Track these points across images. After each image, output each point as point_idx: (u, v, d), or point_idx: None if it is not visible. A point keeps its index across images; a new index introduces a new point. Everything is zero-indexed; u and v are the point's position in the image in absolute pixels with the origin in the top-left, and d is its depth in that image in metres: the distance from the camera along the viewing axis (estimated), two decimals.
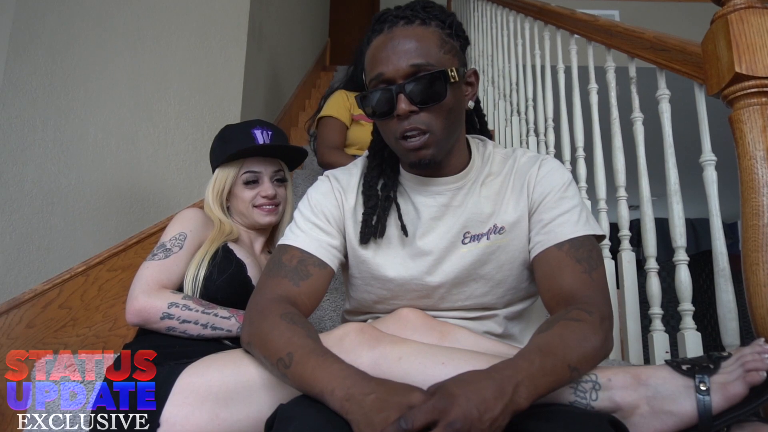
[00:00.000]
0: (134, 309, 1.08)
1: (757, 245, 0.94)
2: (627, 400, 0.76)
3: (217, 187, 1.30)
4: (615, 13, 4.26)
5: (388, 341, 0.84)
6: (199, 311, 1.10)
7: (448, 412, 0.64)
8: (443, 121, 0.91)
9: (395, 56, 0.89)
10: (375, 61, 0.92)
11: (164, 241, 1.18)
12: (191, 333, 1.10)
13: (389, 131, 0.93)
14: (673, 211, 1.36)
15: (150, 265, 1.14)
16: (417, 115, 0.89)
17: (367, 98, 0.92)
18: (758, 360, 0.75)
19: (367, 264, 0.99)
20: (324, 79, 4.13)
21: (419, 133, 0.90)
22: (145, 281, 1.11)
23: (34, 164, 1.53)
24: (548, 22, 2.24)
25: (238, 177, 1.30)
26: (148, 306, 1.08)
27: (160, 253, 1.16)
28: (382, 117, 0.92)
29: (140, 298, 1.09)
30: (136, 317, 1.08)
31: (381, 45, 0.91)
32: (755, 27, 1.01)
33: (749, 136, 0.98)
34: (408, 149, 0.91)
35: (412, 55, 0.89)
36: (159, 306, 1.08)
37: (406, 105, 0.88)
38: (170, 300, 1.09)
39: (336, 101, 2.17)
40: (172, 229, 1.21)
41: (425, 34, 0.91)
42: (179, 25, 2.14)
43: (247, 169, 1.30)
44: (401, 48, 0.89)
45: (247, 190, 1.30)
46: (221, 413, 0.84)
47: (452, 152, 0.98)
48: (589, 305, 0.83)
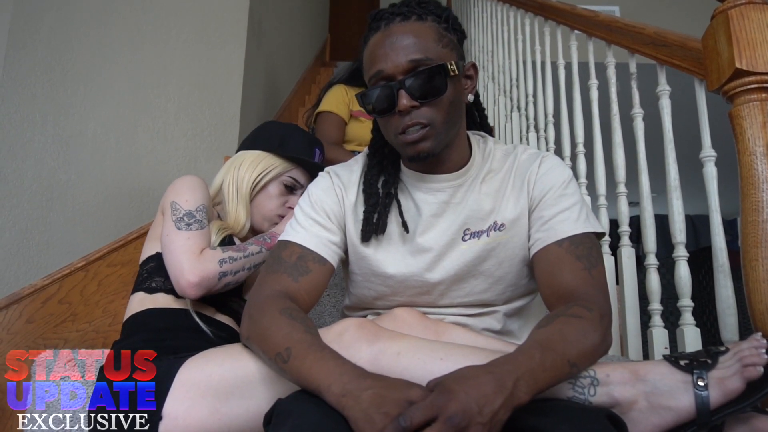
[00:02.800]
0: (194, 282, 1.06)
1: (757, 241, 0.94)
2: (625, 396, 0.76)
3: (260, 170, 1.26)
4: (615, 8, 4.24)
5: (387, 336, 0.84)
6: (240, 258, 1.12)
7: (446, 407, 0.63)
8: (444, 115, 0.91)
9: (393, 53, 0.89)
10: (373, 59, 0.92)
11: (190, 210, 1.14)
12: (240, 280, 1.14)
13: (390, 127, 0.93)
14: (673, 207, 1.36)
15: (191, 235, 1.11)
16: (418, 110, 0.89)
17: (368, 96, 0.92)
18: (755, 355, 0.75)
19: (367, 261, 0.99)
20: (324, 75, 4.12)
21: (420, 127, 0.90)
22: (192, 252, 1.09)
23: (33, 159, 1.53)
24: (548, 18, 2.23)
25: (283, 174, 1.28)
26: (205, 274, 1.06)
27: (194, 223, 1.13)
28: (383, 114, 0.92)
29: (196, 270, 1.06)
30: (197, 289, 1.06)
31: (378, 42, 0.91)
32: (755, 22, 1.01)
33: (749, 131, 0.98)
34: (406, 143, 0.91)
35: (411, 51, 0.89)
36: (213, 269, 1.07)
37: (407, 101, 0.88)
38: (218, 258, 1.09)
39: (335, 96, 2.16)
40: (192, 195, 1.16)
41: (422, 29, 0.91)
42: (179, 20, 2.14)
43: (294, 174, 1.29)
44: (399, 44, 0.89)
45: (281, 193, 1.28)
46: (221, 408, 0.84)
47: (452, 147, 0.98)
48: (589, 302, 0.83)
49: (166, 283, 1.13)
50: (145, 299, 1.13)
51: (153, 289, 1.14)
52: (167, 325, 1.10)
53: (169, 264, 1.10)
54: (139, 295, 1.14)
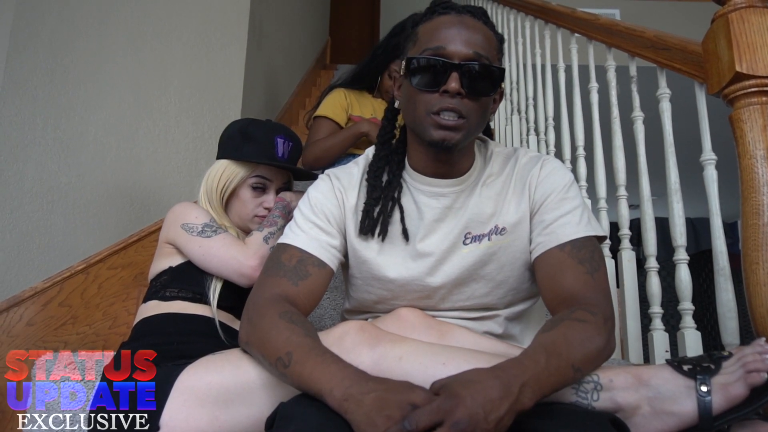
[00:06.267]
0: (255, 264, 1.12)
1: (757, 244, 0.94)
2: (628, 401, 0.76)
3: (224, 179, 1.26)
4: (616, 11, 4.25)
5: (388, 340, 0.84)
6: (276, 231, 1.19)
7: (453, 412, 0.63)
8: (479, 115, 0.93)
9: (460, 37, 0.91)
10: (439, 34, 0.92)
11: (206, 222, 1.18)
12: None
13: (426, 103, 0.91)
14: (674, 210, 1.36)
15: (223, 236, 1.16)
16: (461, 98, 0.90)
17: (419, 65, 0.92)
18: (759, 361, 0.75)
19: (368, 264, 0.99)
20: (324, 78, 4.12)
21: (458, 116, 0.90)
22: (236, 244, 1.15)
23: (34, 162, 1.53)
24: (549, 21, 2.23)
25: (248, 178, 1.26)
26: (261, 253, 1.13)
27: (217, 229, 1.17)
28: (426, 88, 0.91)
29: (249, 253, 1.13)
30: (260, 269, 1.07)
31: (449, 22, 0.93)
32: (756, 26, 1.01)
33: (749, 135, 0.98)
34: (440, 125, 0.90)
35: (478, 44, 0.92)
36: (264, 247, 1.14)
37: (457, 84, 0.88)
38: (262, 236, 1.17)
39: (333, 101, 2.15)
40: (197, 213, 1.19)
41: (488, 33, 0.95)
42: (180, 23, 2.14)
43: (259, 174, 1.26)
44: (470, 33, 0.92)
45: (252, 196, 1.27)
46: (221, 415, 0.83)
47: (463, 151, 0.98)
48: (592, 306, 0.83)
49: (180, 292, 1.13)
50: (159, 305, 1.13)
51: (168, 298, 1.14)
52: (178, 329, 1.10)
53: (222, 264, 1.14)
54: (152, 302, 1.14)
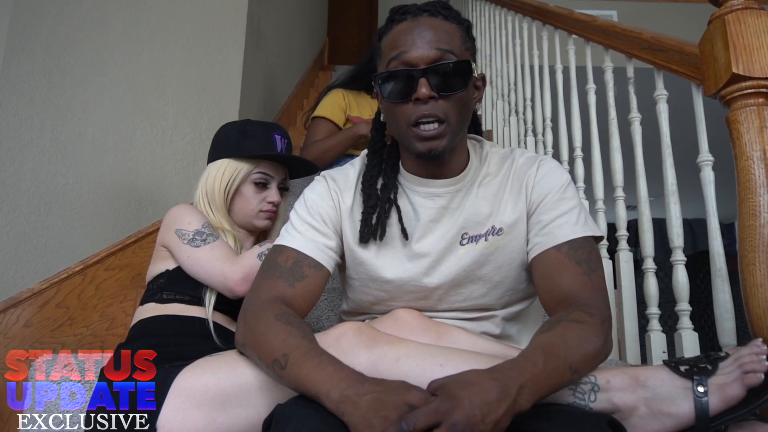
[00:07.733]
0: (239, 278, 1.10)
1: (754, 245, 0.94)
2: (625, 402, 0.76)
3: (227, 178, 1.26)
4: (613, 13, 4.26)
5: (385, 341, 0.84)
6: None
7: (450, 413, 0.63)
8: (458, 114, 0.91)
9: (421, 40, 0.89)
10: (397, 44, 0.91)
11: (197, 229, 1.17)
12: None
13: (403, 116, 0.90)
14: (671, 212, 1.36)
15: (213, 246, 1.15)
16: (435, 102, 0.88)
17: (385, 79, 0.91)
18: (756, 362, 0.75)
19: (365, 266, 0.99)
20: (322, 79, 4.12)
21: (435, 121, 0.89)
22: (223, 256, 1.13)
23: (31, 163, 1.53)
24: (546, 22, 2.24)
25: (250, 174, 1.27)
26: (248, 268, 1.11)
27: (208, 237, 1.17)
28: (398, 100, 0.90)
29: (236, 267, 1.12)
30: (245, 283, 1.09)
31: (405, 29, 0.91)
32: (752, 28, 1.01)
33: (746, 136, 0.98)
34: (422, 137, 0.90)
35: (438, 42, 0.89)
36: (255, 263, 1.11)
37: (427, 90, 0.87)
38: (257, 252, 1.14)
39: (331, 101, 2.16)
40: (192, 218, 1.19)
41: (449, 27, 0.93)
42: (177, 24, 2.14)
43: (261, 170, 1.28)
44: (427, 34, 0.90)
45: (255, 192, 1.28)
46: (218, 417, 0.83)
47: (455, 151, 0.97)
48: (590, 307, 0.83)
49: (177, 295, 1.14)
50: (156, 308, 1.14)
51: (165, 300, 1.14)
52: (175, 331, 1.10)
53: (208, 277, 1.13)
54: (149, 305, 1.15)
